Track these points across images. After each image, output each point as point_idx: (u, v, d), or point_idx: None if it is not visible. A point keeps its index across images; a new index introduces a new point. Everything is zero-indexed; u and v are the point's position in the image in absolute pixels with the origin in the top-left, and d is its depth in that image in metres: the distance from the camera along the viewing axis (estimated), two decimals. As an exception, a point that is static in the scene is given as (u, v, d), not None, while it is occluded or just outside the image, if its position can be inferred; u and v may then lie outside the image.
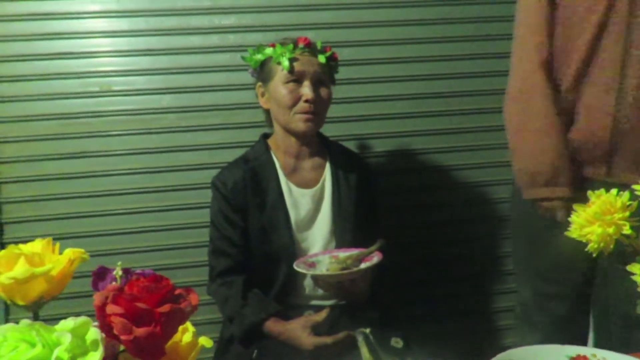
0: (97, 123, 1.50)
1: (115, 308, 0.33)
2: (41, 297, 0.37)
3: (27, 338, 0.30)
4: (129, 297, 0.33)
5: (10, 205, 1.48)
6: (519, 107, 1.11)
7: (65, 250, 0.39)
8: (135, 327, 0.32)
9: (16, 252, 0.38)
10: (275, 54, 1.11)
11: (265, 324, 1.03)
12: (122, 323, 0.32)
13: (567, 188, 1.05)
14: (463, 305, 1.62)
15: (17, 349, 0.29)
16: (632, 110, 0.98)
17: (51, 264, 0.37)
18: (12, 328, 0.30)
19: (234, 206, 1.13)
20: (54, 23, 1.49)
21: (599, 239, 0.70)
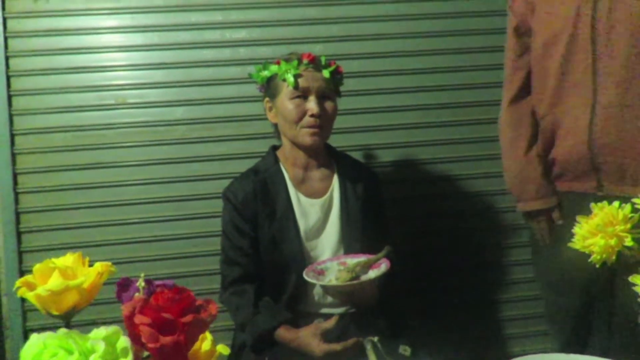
0: (112, 135, 1.55)
1: (143, 318, 0.36)
2: (73, 308, 0.40)
3: (65, 346, 0.32)
4: (155, 308, 0.36)
5: (27, 214, 1.52)
6: (500, 135, 1.28)
7: (95, 264, 0.42)
8: (161, 335, 0.35)
9: (50, 265, 0.41)
10: (280, 71, 1.14)
11: (276, 332, 1.05)
12: (149, 332, 0.35)
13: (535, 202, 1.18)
14: (470, 313, 1.63)
15: (57, 355, 0.32)
16: (606, 126, 1.03)
17: (83, 277, 0.40)
18: (51, 336, 0.33)
19: (245, 216, 1.16)
20: (71, 38, 1.55)
21: (602, 251, 0.72)
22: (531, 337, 1.66)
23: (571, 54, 1.07)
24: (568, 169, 1.13)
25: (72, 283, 0.39)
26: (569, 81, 1.08)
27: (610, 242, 0.71)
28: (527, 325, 1.66)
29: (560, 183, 1.18)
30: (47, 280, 0.40)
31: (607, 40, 1.02)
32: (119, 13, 1.56)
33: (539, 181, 1.17)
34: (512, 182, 1.25)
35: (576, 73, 1.07)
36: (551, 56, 1.11)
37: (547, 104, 1.13)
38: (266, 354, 1.05)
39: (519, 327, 1.65)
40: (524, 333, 1.65)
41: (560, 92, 1.10)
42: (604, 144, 1.04)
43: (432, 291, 1.63)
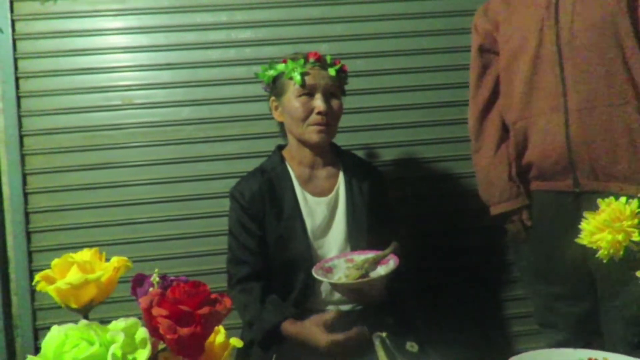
0: (119, 135, 1.56)
1: (161, 310, 0.37)
2: (91, 301, 0.41)
3: (86, 337, 0.33)
4: (172, 301, 0.37)
5: (36, 214, 1.54)
6: (471, 145, 1.34)
7: (111, 259, 0.43)
8: (178, 327, 0.36)
9: (69, 260, 0.42)
10: (287, 69, 1.16)
11: (282, 326, 1.05)
12: (167, 324, 0.36)
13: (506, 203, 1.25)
14: (476, 311, 1.63)
15: (79, 346, 0.33)
16: (580, 126, 1.09)
17: (101, 272, 0.41)
18: (73, 328, 0.34)
19: (252, 216, 1.17)
20: (78, 40, 1.56)
21: (609, 246, 0.72)
22: (537, 335, 1.65)
23: (538, 63, 1.15)
24: (545, 169, 1.18)
25: (91, 277, 0.40)
26: (538, 88, 1.15)
27: (618, 237, 0.72)
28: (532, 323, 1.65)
29: (537, 183, 1.23)
30: (65, 275, 0.41)
31: (571, 50, 1.10)
32: (125, 14, 1.58)
33: (503, 184, 1.24)
34: (480, 188, 1.32)
35: (544, 81, 1.14)
36: (518, 66, 1.19)
37: (517, 109, 1.20)
38: (273, 350, 1.05)
39: (525, 325, 1.65)
40: (530, 330, 1.65)
41: (529, 98, 1.17)
42: (579, 143, 1.10)
43: (437, 289, 1.63)
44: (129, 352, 0.34)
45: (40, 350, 1.14)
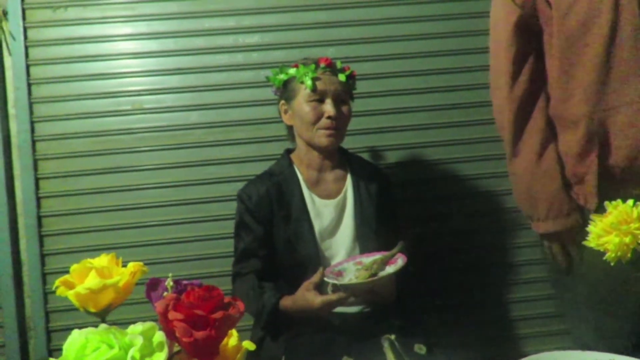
0: (129, 140, 1.58)
1: (176, 314, 0.38)
2: (109, 305, 0.43)
3: (106, 340, 0.35)
4: (187, 305, 0.38)
5: (49, 218, 1.56)
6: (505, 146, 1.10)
7: (128, 264, 0.45)
8: (194, 330, 0.37)
9: (87, 265, 0.43)
10: (299, 74, 1.17)
11: (280, 303, 1.07)
12: (183, 327, 0.37)
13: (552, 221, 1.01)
14: (483, 313, 1.63)
15: (99, 349, 0.34)
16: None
17: (118, 277, 0.42)
18: (93, 331, 0.35)
19: (258, 218, 1.19)
20: (89, 46, 1.59)
21: (616, 248, 0.72)
22: (544, 337, 1.65)
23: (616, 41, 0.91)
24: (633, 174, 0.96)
25: (109, 282, 0.41)
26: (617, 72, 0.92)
27: (625, 239, 0.72)
28: (541, 325, 1.65)
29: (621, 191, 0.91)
30: (84, 280, 0.42)
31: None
32: (134, 21, 1.60)
33: (552, 196, 1.00)
34: (519, 199, 1.08)
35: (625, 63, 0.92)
36: (586, 45, 0.93)
37: (585, 101, 0.96)
38: (283, 347, 1.07)
39: (533, 327, 1.65)
40: (537, 333, 1.65)
41: (604, 87, 0.94)
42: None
43: (444, 291, 1.63)
44: (146, 355, 0.35)
45: (52, 353, 1.17)
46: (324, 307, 1.01)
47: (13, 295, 1.54)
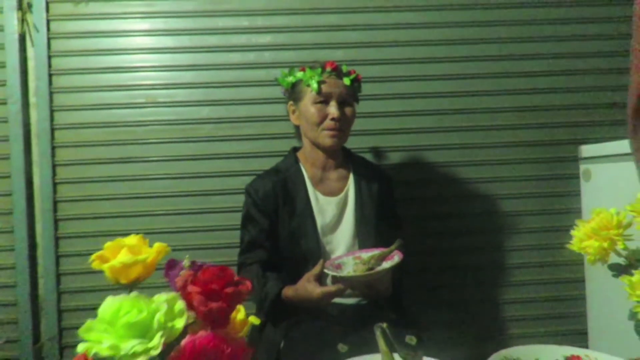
0: (141, 131, 1.65)
1: (195, 288, 0.44)
2: (137, 278, 0.49)
3: (136, 306, 0.41)
4: (204, 281, 0.45)
5: (64, 203, 1.63)
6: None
7: (154, 244, 0.51)
8: (209, 302, 0.43)
9: (120, 244, 0.49)
10: (305, 77, 1.23)
11: (282, 293, 1.13)
12: (200, 299, 0.43)
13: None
14: (476, 312, 1.69)
15: (130, 312, 0.40)
16: None
17: (147, 254, 0.48)
18: (125, 298, 0.41)
19: (263, 211, 1.25)
20: (107, 40, 1.65)
21: (596, 252, 0.78)
22: (539, 338, 1.70)
23: None
24: None
25: (140, 257, 0.48)
26: None
27: (604, 244, 0.78)
28: (529, 327, 1.71)
29: None
30: (116, 256, 0.48)
31: None
32: (151, 17, 1.66)
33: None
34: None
35: None
36: None
37: None
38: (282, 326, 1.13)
39: (522, 328, 1.71)
40: (526, 333, 1.70)
41: None
42: None
43: (439, 288, 1.69)
44: (169, 320, 0.42)
45: (63, 331, 1.24)
46: (323, 297, 1.07)
47: (28, 275, 1.61)
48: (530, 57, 1.72)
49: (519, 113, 1.72)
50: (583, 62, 1.72)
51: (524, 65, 1.72)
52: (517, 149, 1.71)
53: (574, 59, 1.72)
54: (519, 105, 1.71)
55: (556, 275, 1.70)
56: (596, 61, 1.72)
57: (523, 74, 1.72)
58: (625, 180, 1.24)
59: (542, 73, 1.72)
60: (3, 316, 1.62)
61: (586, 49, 1.72)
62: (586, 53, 1.72)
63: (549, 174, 1.71)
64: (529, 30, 1.72)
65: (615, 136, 1.66)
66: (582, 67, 1.72)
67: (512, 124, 1.71)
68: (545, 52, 1.72)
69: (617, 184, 1.45)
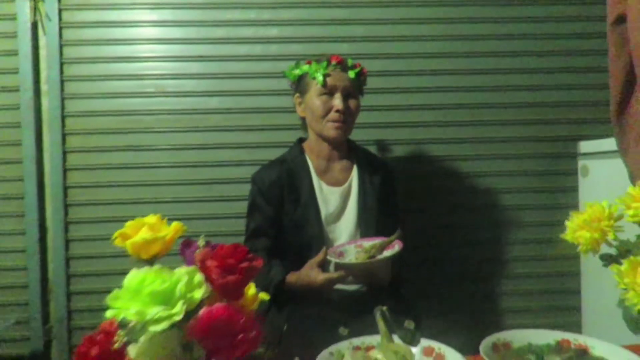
0: (151, 120, 1.69)
1: (213, 262, 0.48)
2: (157, 254, 0.53)
3: (160, 277, 0.45)
4: (221, 256, 0.49)
5: (74, 189, 1.67)
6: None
7: (172, 223, 0.55)
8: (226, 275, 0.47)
9: (141, 222, 0.53)
10: (311, 70, 1.27)
11: (286, 279, 1.18)
12: (218, 272, 0.47)
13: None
14: (473, 303, 1.73)
15: (154, 283, 0.44)
16: None
17: (166, 232, 0.52)
18: (149, 270, 0.45)
19: (269, 200, 1.29)
20: (118, 30, 1.69)
21: (587, 242, 0.82)
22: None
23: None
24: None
25: (160, 235, 0.52)
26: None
27: (595, 235, 0.81)
28: (525, 318, 1.75)
29: None
30: (137, 233, 0.52)
31: None
32: (160, 8, 1.69)
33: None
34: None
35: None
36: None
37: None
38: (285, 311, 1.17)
39: (518, 319, 1.75)
40: (522, 325, 1.74)
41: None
42: None
43: (440, 279, 1.73)
44: (189, 291, 0.46)
45: (71, 313, 1.29)
46: (325, 283, 1.12)
47: (38, 259, 1.66)
48: (531, 54, 1.75)
49: (520, 109, 1.75)
50: (583, 60, 1.75)
51: (524, 62, 1.75)
52: (517, 144, 1.75)
53: (574, 57, 1.75)
54: (520, 101, 1.75)
55: (553, 268, 1.74)
56: (596, 59, 1.75)
57: (524, 70, 1.75)
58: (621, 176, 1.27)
59: (542, 70, 1.75)
60: (14, 298, 1.67)
61: (586, 47, 1.75)
62: (586, 51, 1.75)
63: (548, 169, 1.74)
64: (531, 28, 1.75)
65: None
66: (582, 65, 1.75)
67: (513, 119, 1.74)
68: (546, 49, 1.75)
69: (614, 180, 1.48)
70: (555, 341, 0.81)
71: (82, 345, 0.50)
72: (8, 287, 1.66)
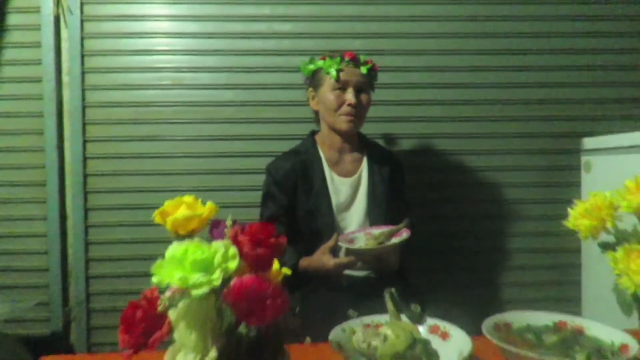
0: (168, 112, 1.75)
1: (244, 237, 0.54)
2: (193, 231, 0.59)
3: (199, 248, 0.51)
4: (251, 232, 0.54)
5: (93, 177, 1.74)
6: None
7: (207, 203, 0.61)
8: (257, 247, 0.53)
9: (179, 201, 0.59)
10: (325, 66, 1.32)
11: (299, 263, 1.25)
12: (249, 245, 0.53)
13: None
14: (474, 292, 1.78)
15: (196, 252, 0.50)
16: None
17: (202, 210, 0.58)
18: (189, 242, 0.51)
19: (283, 189, 1.34)
20: (137, 24, 1.74)
21: (586, 230, 0.87)
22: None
23: None
24: None
25: (197, 212, 0.57)
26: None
27: (595, 223, 0.86)
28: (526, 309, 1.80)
29: None
30: (174, 211, 0.58)
31: None
32: (178, 3, 1.75)
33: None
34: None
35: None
36: None
37: None
38: (297, 294, 1.23)
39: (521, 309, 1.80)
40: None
41: None
42: None
43: (443, 269, 1.79)
44: (224, 261, 0.52)
45: (90, 297, 1.36)
46: (336, 268, 1.18)
47: (58, 243, 1.73)
48: (538, 52, 1.79)
49: (525, 106, 1.79)
50: (588, 59, 1.79)
51: (531, 60, 1.79)
52: (522, 139, 1.79)
53: (579, 55, 1.80)
54: (526, 98, 1.79)
55: (555, 260, 1.79)
56: (601, 58, 1.79)
57: (530, 68, 1.79)
58: (622, 171, 1.32)
59: (548, 68, 1.79)
60: (35, 280, 1.74)
61: (591, 45, 1.79)
62: (591, 50, 1.79)
63: (552, 165, 1.79)
64: (537, 26, 1.79)
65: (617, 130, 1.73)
66: (587, 63, 1.80)
67: (518, 115, 1.79)
68: (552, 47, 1.79)
69: (615, 176, 1.53)
70: (552, 322, 0.86)
71: (127, 309, 0.56)
72: (30, 270, 1.74)
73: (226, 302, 0.53)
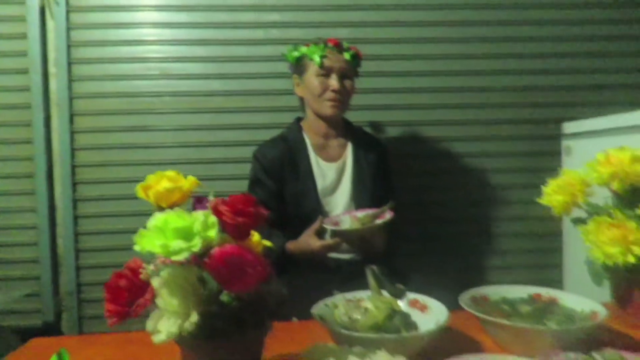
0: (156, 102, 1.75)
1: (225, 207, 0.56)
2: (175, 202, 0.61)
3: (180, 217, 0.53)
4: (232, 202, 0.57)
5: (82, 168, 1.75)
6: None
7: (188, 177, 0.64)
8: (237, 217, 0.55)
9: (160, 175, 0.62)
10: (309, 52, 1.34)
11: (286, 247, 1.27)
12: (230, 214, 0.55)
13: None
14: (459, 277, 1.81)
15: (176, 221, 0.52)
16: None
17: (183, 183, 0.60)
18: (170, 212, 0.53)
19: (270, 175, 1.36)
20: (124, 14, 1.75)
21: (559, 205, 0.90)
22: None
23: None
24: None
25: (179, 184, 0.60)
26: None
27: (567, 199, 0.90)
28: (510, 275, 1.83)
29: None
30: (157, 185, 0.60)
31: None
32: (165, -7, 1.75)
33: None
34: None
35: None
36: None
37: None
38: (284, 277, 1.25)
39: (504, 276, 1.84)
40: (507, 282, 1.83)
41: None
42: None
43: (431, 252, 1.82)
44: (204, 230, 0.54)
45: (80, 287, 1.37)
46: (321, 249, 1.20)
47: (48, 234, 1.74)
48: (520, 39, 1.82)
49: (508, 92, 1.83)
50: (567, 46, 1.83)
51: (513, 47, 1.82)
52: (506, 126, 1.83)
53: (559, 43, 1.83)
54: (508, 85, 1.83)
55: (536, 244, 1.84)
56: (579, 45, 1.83)
57: (513, 55, 1.82)
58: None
59: (530, 55, 1.83)
60: (25, 272, 1.75)
61: (571, 32, 1.83)
62: (570, 37, 1.83)
63: (535, 150, 1.83)
64: (521, 14, 1.82)
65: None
66: (566, 51, 1.83)
67: (501, 102, 1.82)
68: (534, 35, 1.82)
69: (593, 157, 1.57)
70: (528, 295, 0.89)
71: (111, 279, 0.58)
72: (20, 262, 1.74)
73: (208, 270, 0.56)
